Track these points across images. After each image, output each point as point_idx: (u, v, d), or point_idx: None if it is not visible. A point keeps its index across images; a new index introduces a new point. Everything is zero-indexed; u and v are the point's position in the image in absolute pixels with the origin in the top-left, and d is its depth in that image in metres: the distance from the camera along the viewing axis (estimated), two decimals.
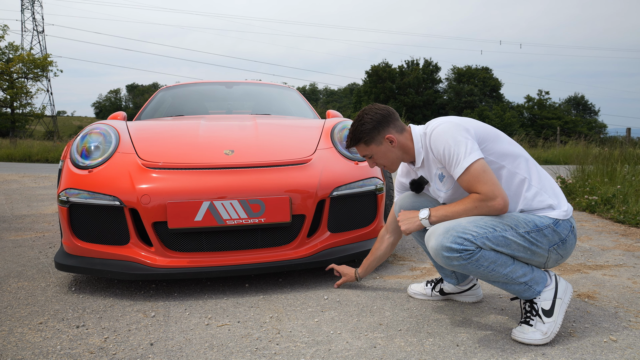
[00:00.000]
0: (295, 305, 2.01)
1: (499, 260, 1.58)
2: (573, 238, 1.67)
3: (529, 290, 1.63)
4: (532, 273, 1.63)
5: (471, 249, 1.55)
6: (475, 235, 1.55)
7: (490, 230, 1.56)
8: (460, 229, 1.56)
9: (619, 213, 3.93)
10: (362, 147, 1.82)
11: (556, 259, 1.66)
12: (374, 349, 1.58)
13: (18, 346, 1.64)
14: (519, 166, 1.68)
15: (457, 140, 1.62)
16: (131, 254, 2.11)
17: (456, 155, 1.61)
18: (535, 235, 1.59)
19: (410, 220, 1.75)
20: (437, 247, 1.58)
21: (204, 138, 2.50)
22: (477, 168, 1.58)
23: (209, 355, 1.56)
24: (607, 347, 1.58)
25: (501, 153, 1.68)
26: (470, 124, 1.69)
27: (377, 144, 1.79)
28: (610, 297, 2.06)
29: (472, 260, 1.56)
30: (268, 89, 4.35)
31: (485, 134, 1.69)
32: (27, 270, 2.56)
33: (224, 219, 2.06)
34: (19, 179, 7.97)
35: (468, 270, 1.60)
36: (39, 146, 16.23)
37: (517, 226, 1.59)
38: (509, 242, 1.57)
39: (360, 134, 1.78)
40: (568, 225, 1.64)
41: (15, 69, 30.10)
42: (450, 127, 1.66)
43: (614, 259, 2.72)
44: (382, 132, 1.78)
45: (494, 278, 1.61)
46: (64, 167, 2.33)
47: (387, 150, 1.80)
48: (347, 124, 2.73)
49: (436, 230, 1.61)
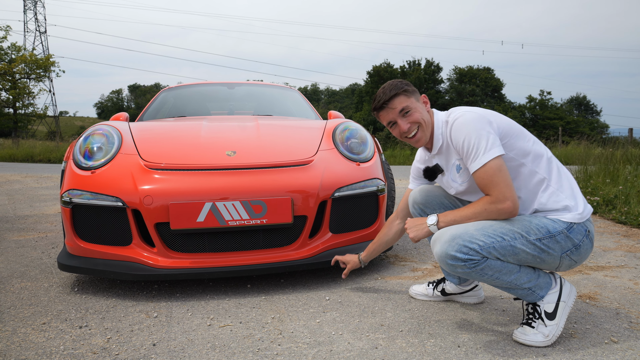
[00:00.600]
0: (297, 306, 2.02)
1: (504, 269, 1.56)
2: (588, 243, 1.61)
3: (532, 294, 1.62)
4: (537, 279, 1.61)
5: (476, 258, 1.52)
6: (482, 245, 1.52)
7: (499, 239, 1.53)
8: (467, 237, 1.52)
9: (621, 214, 3.93)
10: (401, 99, 1.72)
11: (569, 264, 1.62)
12: (375, 350, 1.59)
13: (22, 346, 1.65)
14: (539, 165, 1.63)
15: (479, 133, 1.57)
16: (134, 254, 2.12)
17: (475, 149, 1.56)
18: (547, 241, 1.55)
19: (419, 227, 1.70)
20: (442, 254, 1.55)
21: (206, 139, 2.51)
22: (494, 166, 1.54)
23: (211, 355, 1.57)
24: (608, 349, 1.58)
25: (523, 150, 1.64)
26: (494, 117, 1.64)
27: (416, 99, 1.75)
28: (611, 298, 2.06)
29: (477, 269, 1.54)
30: (270, 90, 4.36)
31: (508, 129, 1.64)
32: (30, 270, 2.58)
33: (226, 219, 2.07)
34: (22, 179, 7.99)
35: (472, 277, 1.59)
36: (41, 146, 16.28)
37: (529, 233, 1.55)
38: (517, 251, 1.54)
39: (402, 84, 1.73)
40: (583, 230, 1.59)
41: (18, 70, 30.18)
42: (473, 118, 1.60)
43: (615, 260, 2.72)
44: (416, 94, 1.76)
45: (498, 284, 1.60)
46: (67, 168, 2.35)
47: (423, 110, 1.75)
48: (348, 125, 2.74)
49: (442, 236, 1.57)
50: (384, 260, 2.74)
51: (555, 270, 1.65)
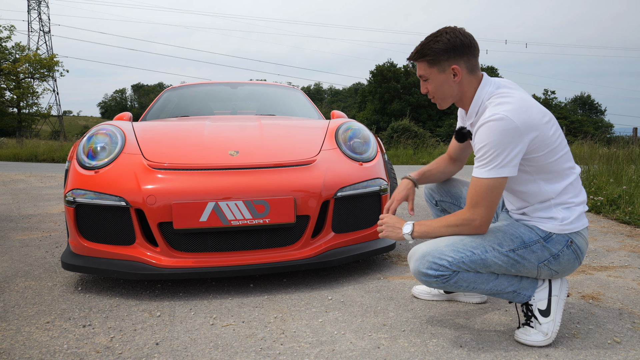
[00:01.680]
0: (299, 305, 2.02)
1: (479, 280, 1.57)
2: (571, 254, 1.56)
3: (518, 296, 1.62)
4: (520, 282, 1.60)
5: (446, 274, 1.54)
6: (451, 261, 1.53)
7: (468, 254, 1.53)
8: (437, 254, 1.54)
9: (625, 214, 3.91)
10: (423, 66, 1.63)
11: (549, 273, 1.58)
12: (377, 350, 1.59)
13: (25, 345, 1.66)
14: (553, 187, 1.55)
15: (502, 148, 1.45)
16: (137, 254, 2.13)
17: (488, 159, 1.48)
18: (522, 252, 1.54)
19: (394, 230, 1.69)
20: (415, 271, 1.59)
21: (209, 139, 2.52)
22: (491, 185, 1.48)
23: (214, 355, 1.57)
24: (610, 349, 1.58)
25: (546, 169, 1.54)
26: (536, 129, 1.48)
27: (439, 70, 1.60)
28: (614, 299, 2.06)
29: (450, 283, 1.56)
30: (273, 90, 4.37)
31: (543, 146, 1.50)
32: (34, 269, 2.59)
33: (228, 219, 2.08)
34: (26, 178, 8.03)
35: (449, 290, 1.62)
36: (45, 146, 16.34)
37: (501, 245, 1.54)
38: (488, 263, 1.54)
39: (428, 50, 1.59)
40: (563, 240, 1.54)
41: (22, 69, 30.33)
42: (506, 129, 1.44)
43: (619, 260, 2.71)
44: (451, 60, 1.58)
45: (478, 292, 1.61)
46: (70, 168, 2.36)
47: (445, 82, 1.61)
48: (351, 124, 2.74)
49: (415, 254, 1.59)
50: (386, 260, 2.74)
51: (536, 277, 1.62)
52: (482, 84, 1.61)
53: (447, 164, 1.96)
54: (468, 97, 1.63)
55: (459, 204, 1.93)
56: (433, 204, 2.03)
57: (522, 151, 1.47)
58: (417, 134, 16.54)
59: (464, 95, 1.64)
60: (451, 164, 1.96)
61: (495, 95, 1.55)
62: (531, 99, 1.56)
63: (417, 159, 13.92)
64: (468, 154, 1.95)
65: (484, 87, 1.60)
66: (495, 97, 1.54)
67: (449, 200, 1.97)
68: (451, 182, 1.99)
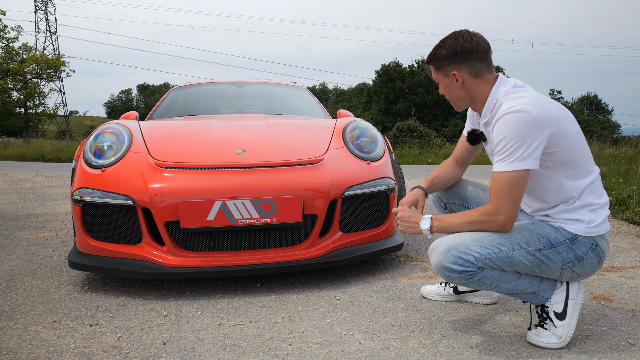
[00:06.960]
0: (307, 305, 2.00)
1: (503, 278, 1.53)
2: (594, 257, 1.54)
3: (537, 297, 1.59)
4: (540, 283, 1.57)
5: (472, 270, 1.50)
6: (478, 257, 1.48)
7: (496, 250, 1.49)
8: (463, 249, 1.49)
9: (635, 214, 3.87)
10: (432, 70, 1.69)
11: (571, 276, 1.56)
12: (387, 350, 1.57)
13: (33, 344, 1.65)
14: (575, 184, 1.52)
15: (522, 139, 1.43)
16: (144, 253, 2.12)
17: (508, 152, 1.45)
18: (548, 252, 1.51)
19: (411, 226, 1.65)
20: (438, 265, 1.53)
21: (216, 138, 2.50)
22: (513, 178, 1.44)
23: (221, 355, 1.56)
24: (625, 351, 1.55)
25: (567, 164, 1.51)
26: (555, 123, 1.46)
27: (443, 75, 1.65)
28: (627, 300, 2.02)
29: (474, 280, 1.52)
30: (279, 89, 4.35)
31: (563, 140, 1.48)
32: (41, 268, 2.59)
33: (235, 218, 2.06)
34: (33, 178, 8.06)
35: (470, 287, 1.57)
36: (52, 146, 16.41)
37: (528, 243, 1.51)
38: (515, 262, 1.50)
39: (433, 56, 1.64)
40: (589, 243, 1.52)
41: (29, 70, 30.52)
42: (524, 120, 1.43)
43: (630, 260, 2.68)
44: (451, 65, 1.60)
45: (499, 291, 1.58)
46: (77, 167, 2.35)
47: (450, 86, 1.65)
48: (359, 123, 2.72)
49: (438, 247, 1.54)
50: (394, 260, 2.72)
51: (557, 280, 1.59)
52: (498, 83, 1.60)
53: (454, 168, 1.95)
54: (479, 99, 1.63)
55: (467, 205, 1.91)
56: (442, 206, 2.00)
57: (543, 144, 1.45)
58: (423, 134, 16.49)
59: (473, 97, 1.64)
60: (457, 167, 1.95)
61: (511, 92, 1.55)
62: (547, 97, 1.56)
63: (423, 158, 13.87)
64: (474, 158, 1.95)
65: (500, 86, 1.59)
66: (511, 93, 1.54)
67: (458, 202, 1.94)
68: (458, 183, 1.96)
